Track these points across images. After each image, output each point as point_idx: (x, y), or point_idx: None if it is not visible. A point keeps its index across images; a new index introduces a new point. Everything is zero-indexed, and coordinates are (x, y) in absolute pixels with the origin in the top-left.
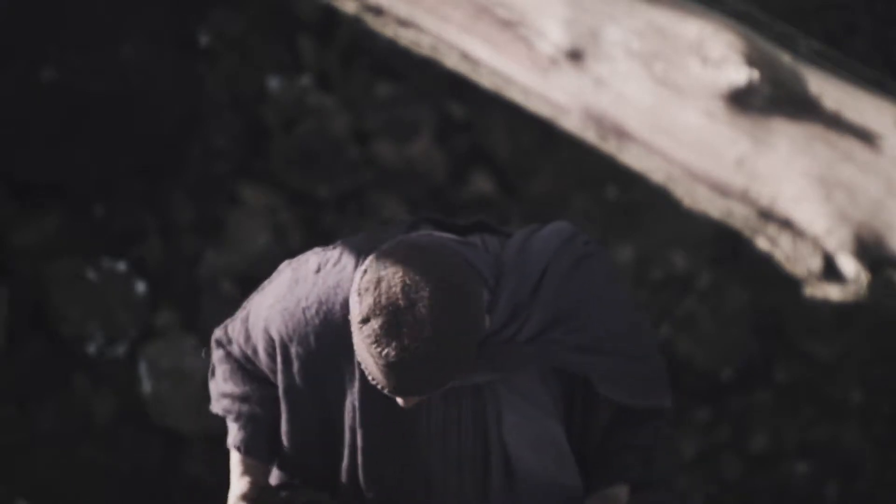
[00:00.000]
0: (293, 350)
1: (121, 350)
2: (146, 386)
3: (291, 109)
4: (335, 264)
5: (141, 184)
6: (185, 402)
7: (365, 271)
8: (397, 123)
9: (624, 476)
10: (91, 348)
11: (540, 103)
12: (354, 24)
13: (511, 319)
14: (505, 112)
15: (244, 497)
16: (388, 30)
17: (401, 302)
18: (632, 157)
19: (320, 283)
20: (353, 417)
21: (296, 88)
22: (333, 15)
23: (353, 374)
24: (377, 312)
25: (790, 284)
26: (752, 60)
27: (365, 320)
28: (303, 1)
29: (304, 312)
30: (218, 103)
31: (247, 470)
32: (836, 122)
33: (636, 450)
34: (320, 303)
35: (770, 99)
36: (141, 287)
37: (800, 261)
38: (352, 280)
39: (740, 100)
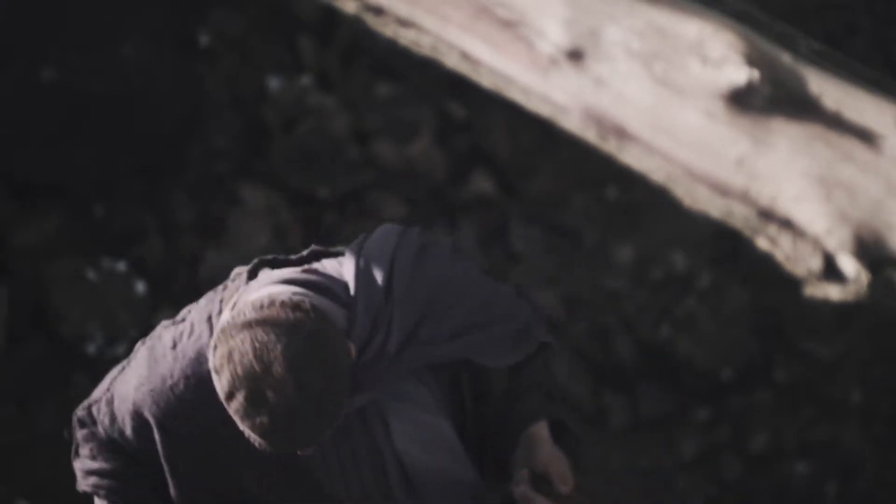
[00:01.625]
0: (171, 427)
1: (121, 350)
2: None
3: (291, 109)
4: (189, 335)
5: (141, 184)
6: None
7: (215, 347)
8: (397, 123)
9: (531, 416)
10: (91, 348)
11: (540, 103)
12: (354, 24)
13: (374, 331)
14: (505, 112)
15: None
16: (388, 29)
17: (256, 368)
18: (632, 157)
19: (180, 358)
20: (254, 482)
21: (296, 88)
22: (333, 15)
23: (242, 440)
24: (237, 386)
25: (790, 284)
26: (752, 60)
27: (229, 396)
28: (303, 1)
29: (171, 390)
30: (218, 103)
31: None
32: (836, 122)
33: (530, 389)
34: (186, 377)
35: (770, 99)
36: (141, 287)
37: (800, 261)
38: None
39: (740, 100)
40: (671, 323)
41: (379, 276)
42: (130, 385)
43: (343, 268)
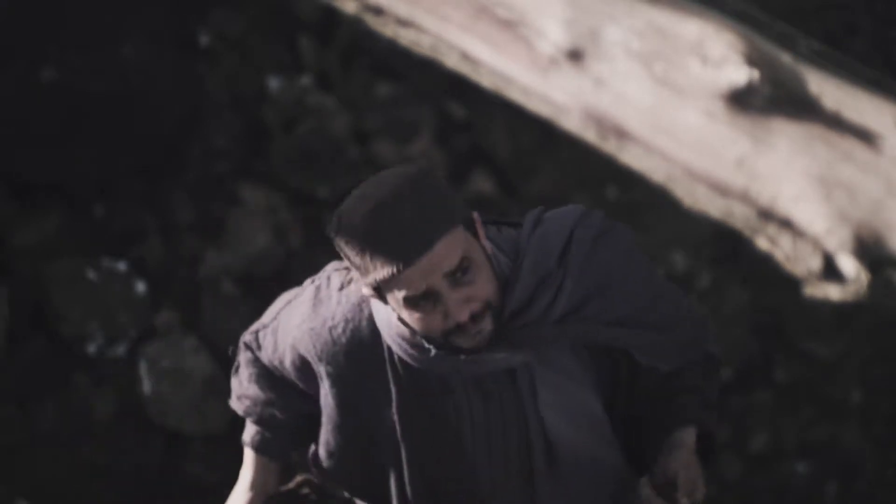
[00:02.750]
0: (323, 370)
1: (121, 350)
2: (146, 386)
3: (291, 109)
4: (357, 281)
5: (141, 184)
6: (185, 401)
7: None
8: (397, 123)
9: (684, 417)
10: (91, 348)
11: (540, 103)
12: (354, 24)
13: (538, 293)
14: (505, 112)
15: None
16: (388, 29)
17: (369, 183)
18: (632, 157)
19: (344, 302)
20: (394, 432)
21: (296, 88)
22: (333, 15)
23: (387, 389)
24: (351, 195)
25: (790, 284)
26: (752, 60)
27: (342, 210)
28: (303, 1)
29: (330, 332)
30: (218, 103)
31: (260, 467)
32: (835, 122)
33: (689, 391)
34: (346, 321)
35: (770, 99)
36: (141, 287)
37: (800, 260)
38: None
39: (740, 100)
40: None
41: (556, 244)
42: (294, 320)
43: (521, 231)
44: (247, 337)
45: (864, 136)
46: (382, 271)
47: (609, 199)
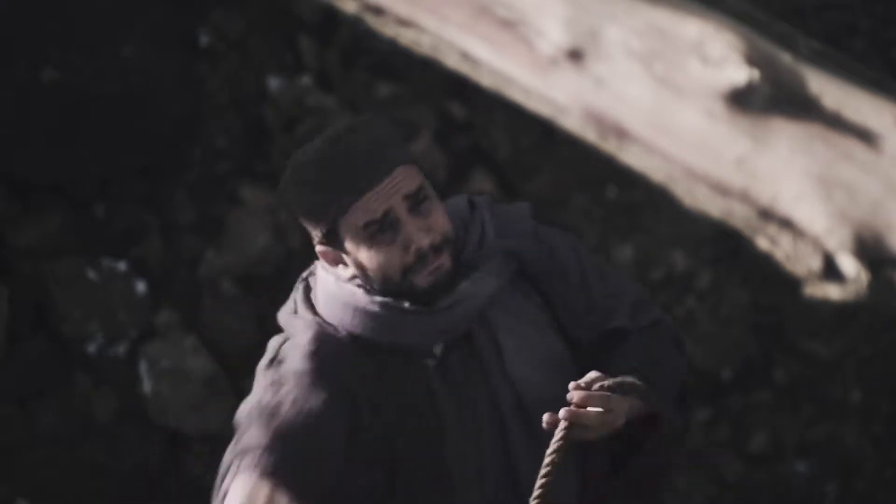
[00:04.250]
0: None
1: (121, 350)
2: (146, 386)
3: (291, 109)
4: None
5: (141, 184)
6: (185, 401)
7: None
8: (397, 123)
9: (629, 371)
10: (91, 348)
11: (540, 103)
12: (355, 24)
13: (482, 233)
14: (505, 112)
15: None
16: (389, 29)
17: (328, 132)
18: (632, 157)
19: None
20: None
21: (296, 88)
22: (334, 15)
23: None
24: (305, 147)
25: (790, 284)
26: (752, 60)
27: (293, 159)
28: (303, 1)
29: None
30: (218, 104)
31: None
32: (836, 122)
33: (637, 348)
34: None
35: (770, 99)
36: (141, 287)
37: (800, 260)
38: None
39: (740, 99)
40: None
41: (510, 219)
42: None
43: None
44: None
45: (865, 136)
46: (343, 198)
47: (609, 199)
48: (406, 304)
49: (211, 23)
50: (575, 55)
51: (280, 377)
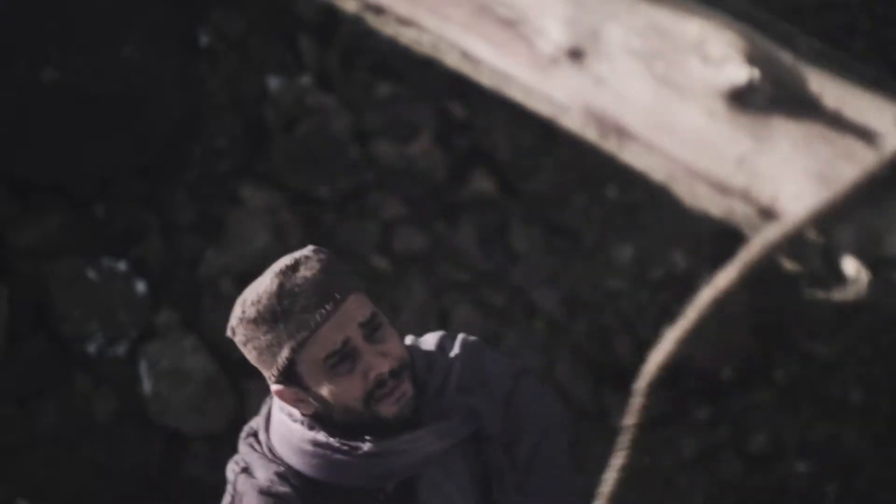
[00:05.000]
0: None
1: (121, 350)
2: (146, 386)
3: (291, 109)
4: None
5: (141, 184)
6: (185, 401)
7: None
8: (397, 123)
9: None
10: (91, 348)
11: (540, 102)
12: (355, 24)
13: (443, 383)
14: (505, 112)
15: None
16: (389, 29)
17: (273, 269)
18: (632, 156)
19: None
20: None
21: (296, 88)
22: (334, 15)
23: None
24: (251, 287)
25: (790, 284)
26: (752, 59)
27: (242, 299)
28: (303, 1)
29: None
30: (218, 103)
31: None
32: (836, 121)
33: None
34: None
35: (771, 98)
36: (141, 287)
37: (800, 260)
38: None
39: (741, 99)
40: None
41: (480, 366)
42: None
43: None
44: None
45: (865, 135)
46: (298, 334)
47: (609, 198)
48: (339, 445)
49: (211, 23)
50: (575, 54)
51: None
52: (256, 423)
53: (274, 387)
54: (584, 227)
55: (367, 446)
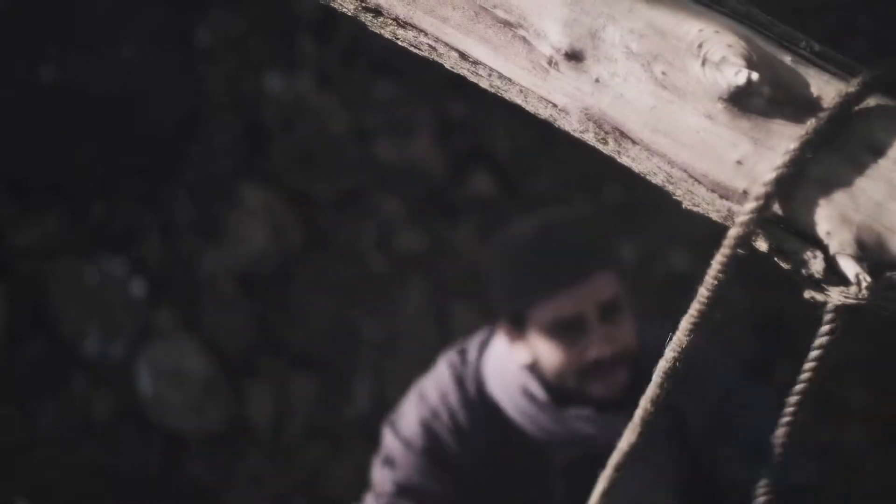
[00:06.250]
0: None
1: (120, 350)
2: (146, 386)
3: (291, 109)
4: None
5: (141, 184)
6: (185, 402)
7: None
8: (397, 123)
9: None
10: (90, 348)
11: (539, 104)
12: (354, 23)
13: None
14: (505, 112)
15: None
16: (387, 31)
17: (547, 215)
18: (631, 159)
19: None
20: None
21: (295, 88)
22: (333, 15)
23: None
24: (521, 223)
25: (790, 285)
26: (752, 61)
27: (507, 230)
28: (302, 1)
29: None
30: (218, 103)
31: None
32: (836, 124)
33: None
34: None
35: (770, 100)
36: (141, 287)
37: (800, 263)
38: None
39: (740, 101)
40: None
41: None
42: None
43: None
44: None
45: (866, 139)
46: (543, 288)
47: (609, 199)
48: (544, 399)
49: (211, 23)
50: (574, 56)
51: (394, 435)
52: (465, 345)
53: (502, 323)
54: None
55: (571, 410)
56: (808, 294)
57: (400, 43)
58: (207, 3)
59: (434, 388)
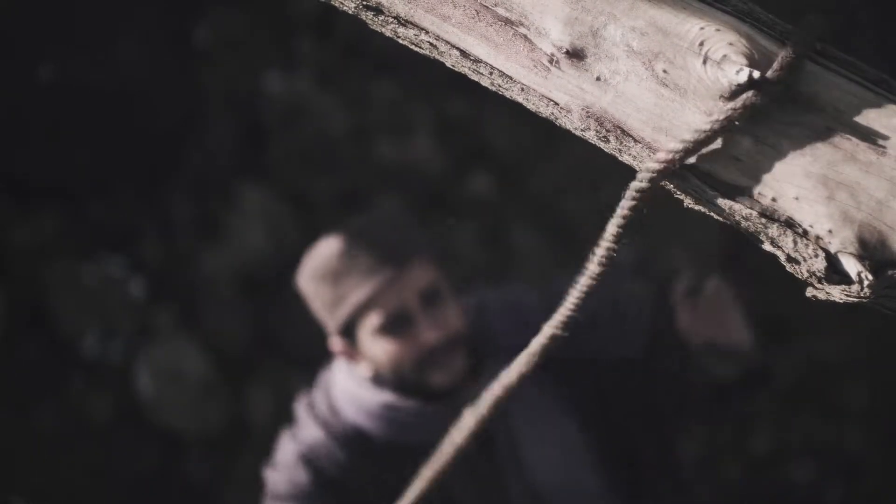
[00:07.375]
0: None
1: (119, 350)
2: (145, 386)
3: (290, 109)
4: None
5: (140, 184)
6: (184, 402)
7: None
8: (397, 122)
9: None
10: (90, 348)
11: (540, 103)
12: (353, 23)
13: (490, 334)
14: (505, 112)
15: None
16: (387, 29)
17: (350, 224)
18: (633, 157)
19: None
20: None
21: (295, 88)
22: (332, 14)
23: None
24: (326, 239)
25: (791, 284)
26: (753, 60)
27: (312, 250)
28: (302, 0)
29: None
30: (217, 103)
31: None
32: (837, 122)
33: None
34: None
35: (771, 98)
36: (140, 287)
37: (802, 262)
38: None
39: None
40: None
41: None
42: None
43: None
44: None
45: (867, 137)
46: (359, 291)
47: (609, 199)
48: (410, 403)
49: (210, 22)
50: (575, 54)
51: (278, 474)
52: (310, 390)
53: (333, 340)
54: (584, 227)
55: (429, 406)
56: (809, 293)
57: (401, 41)
58: (206, 2)
59: (302, 429)
